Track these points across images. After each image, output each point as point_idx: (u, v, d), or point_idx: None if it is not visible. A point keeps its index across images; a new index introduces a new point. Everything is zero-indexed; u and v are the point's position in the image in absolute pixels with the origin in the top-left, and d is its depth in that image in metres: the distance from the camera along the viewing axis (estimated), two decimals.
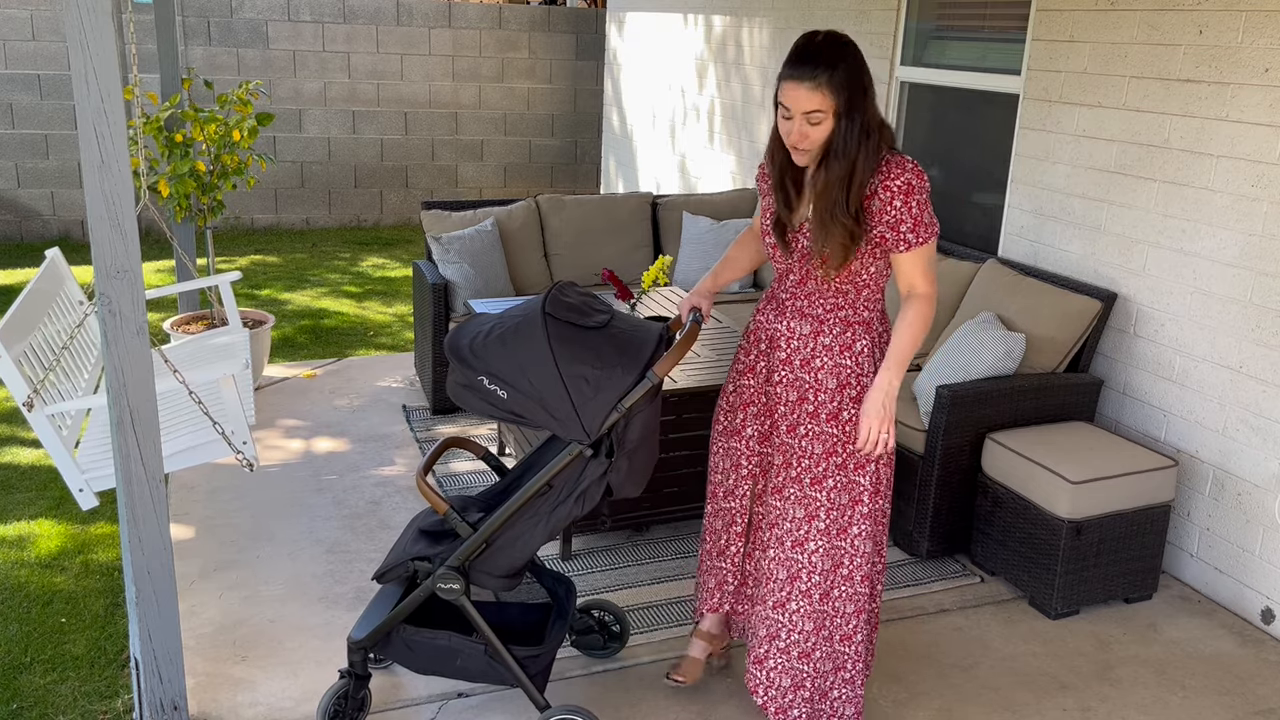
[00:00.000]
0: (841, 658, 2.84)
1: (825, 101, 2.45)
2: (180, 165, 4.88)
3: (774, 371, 2.75)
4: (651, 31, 8.33)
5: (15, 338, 3.18)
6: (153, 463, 2.57)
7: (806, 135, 2.50)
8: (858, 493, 2.72)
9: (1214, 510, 3.78)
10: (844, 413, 2.68)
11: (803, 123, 2.49)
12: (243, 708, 2.98)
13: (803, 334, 2.69)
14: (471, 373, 2.60)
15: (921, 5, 5.21)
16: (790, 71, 2.47)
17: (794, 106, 2.48)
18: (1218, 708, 3.18)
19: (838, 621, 2.81)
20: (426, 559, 2.75)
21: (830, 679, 2.86)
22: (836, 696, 2.87)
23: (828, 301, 2.66)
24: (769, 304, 2.80)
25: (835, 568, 2.77)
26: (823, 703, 2.87)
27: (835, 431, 2.69)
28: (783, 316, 2.73)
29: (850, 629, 2.82)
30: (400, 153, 9.38)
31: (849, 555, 2.76)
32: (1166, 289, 3.91)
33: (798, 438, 2.71)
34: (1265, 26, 3.51)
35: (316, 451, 4.67)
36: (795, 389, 2.71)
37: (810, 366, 2.69)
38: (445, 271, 5.04)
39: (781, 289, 2.75)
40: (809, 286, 2.67)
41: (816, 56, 2.45)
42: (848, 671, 2.85)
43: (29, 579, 3.65)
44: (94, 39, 2.26)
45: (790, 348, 2.70)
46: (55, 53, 8.14)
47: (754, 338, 2.83)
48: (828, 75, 2.43)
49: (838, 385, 2.67)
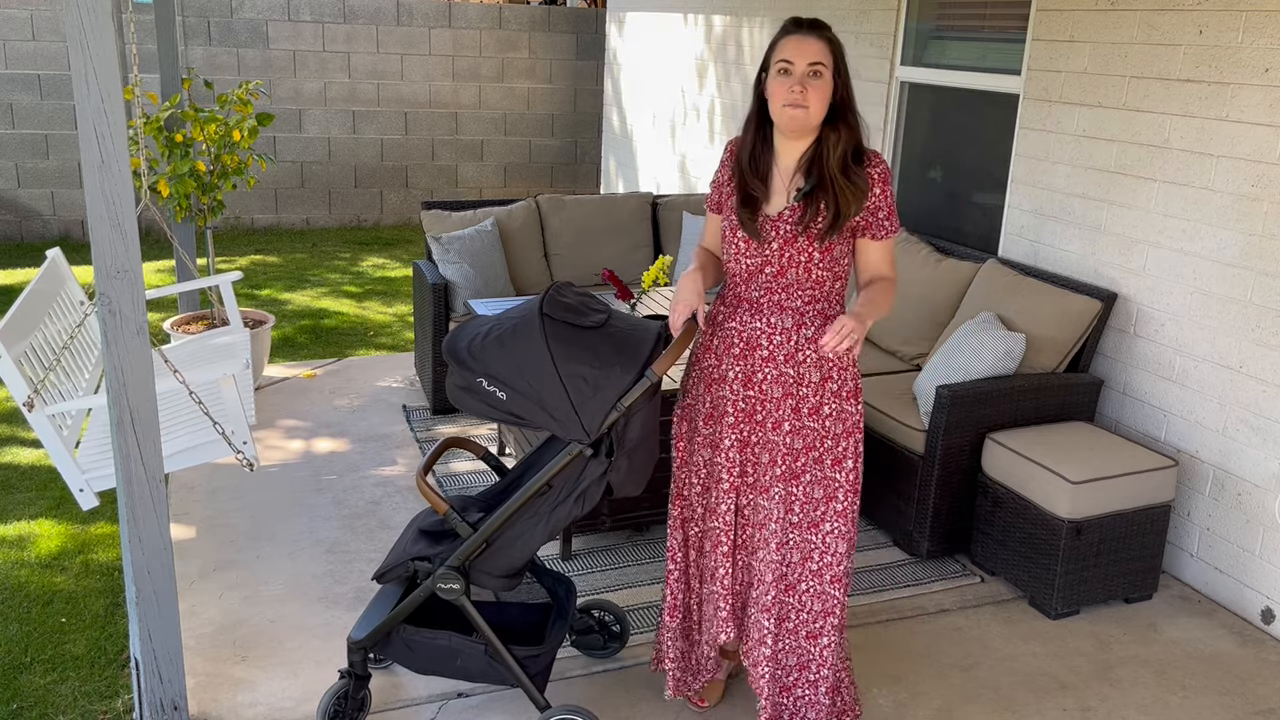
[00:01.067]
0: (806, 655, 2.81)
1: (827, 55, 2.56)
2: (180, 165, 4.89)
3: (755, 372, 2.69)
4: (651, 31, 8.33)
5: (16, 338, 3.18)
6: (153, 463, 2.57)
7: (806, 89, 2.54)
8: (832, 489, 2.72)
9: (1214, 510, 3.78)
10: (825, 407, 2.68)
11: (804, 76, 2.54)
12: (243, 708, 2.99)
13: (785, 328, 2.66)
14: (470, 375, 2.60)
15: (921, 5, 5.21)
16: (792, 29, 2.60)
17: (798, 60, 2.54)
18: (1218, 708, 3.18)
19: (803, 616, 2.79)
20: (426, 559, 2.75)
21: (794, 675, 2.83)
22: (800, 696, 2.84)
23: (806, 293, 2.65)
24: (739, 307, 2.72)
25: (804, 560, 2.76)
26: (784, 697, 2.84)
27: (816, 425, 2.68)
28: (760, 315, 2.69)
29: (816, 628, 2.79)
30: (400, 153, 9.38)
31: (819, 551, 2.75)
32: (1166, 289, 3.91)
33: (783, 434, 2.69)
34: (1265, 26, 3.51)
35: (316, 451, 4.67)
36: (780, 385, 2.68)
37: (794, 360, 2.66)
38: (445, 271, 5.04)
39: (753, 289, 2.69)
40: (788, 277, 2.64)
41: (815, 22, 2.61)
42: (812, 673, 2.82)
43: (29, 579, 3.65)
44: (94, 39, 2.26)
45: (773, 344, 2.67)
46: (55, 53, 8.14)
47: (725, 344, 2.74)
48: (827, 32, 2.60)
49: (821, 378, 2.67)
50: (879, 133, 5.47)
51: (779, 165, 2.67)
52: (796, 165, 2.64)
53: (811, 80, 2.54)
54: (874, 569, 3.88)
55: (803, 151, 2.64)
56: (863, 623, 3.54)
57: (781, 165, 2.66)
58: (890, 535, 4.07)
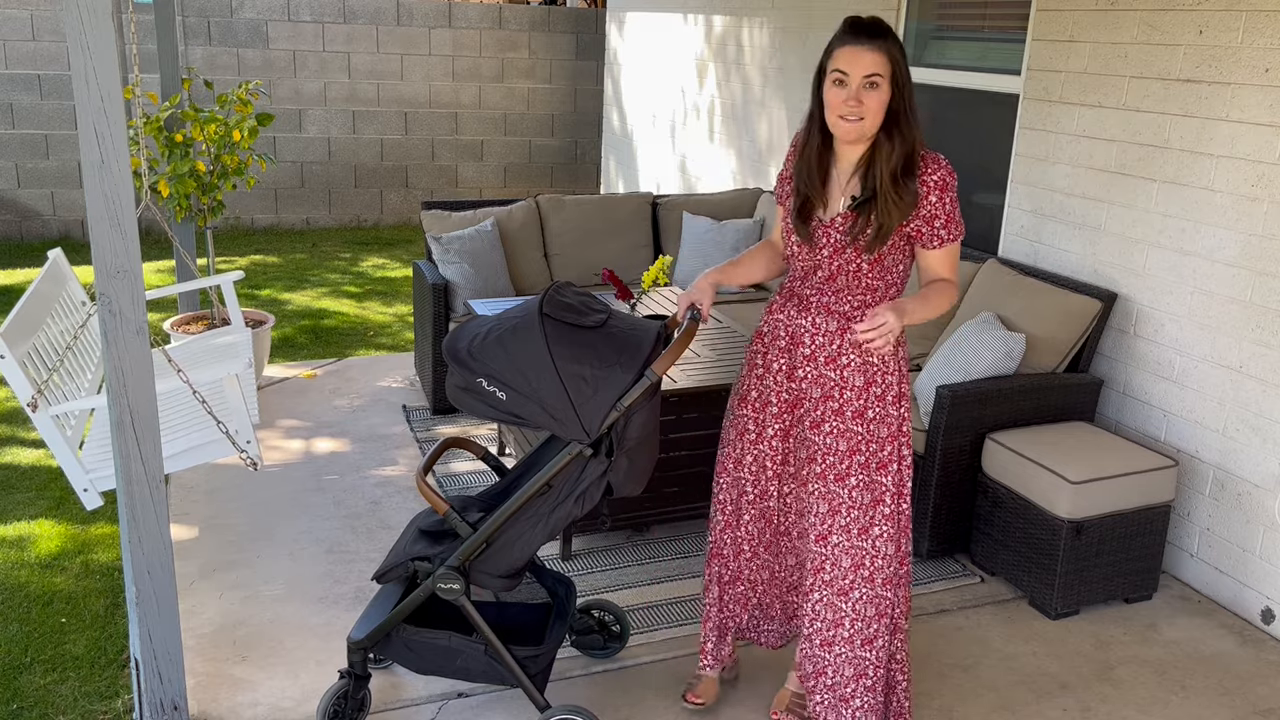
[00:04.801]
0: (863, 663, 2.77)
1: (884, 65, 2.48)
2: (180, 165, 4.89)
3: (796, 368, 2.72)
4: (651, 31, 8.33)
5: (19, 338, 3.18)
6: (153, 463, 2.57)
7: (861, 101, 2.49)
8: (879, 492, 2.70)
9: (1214, 510, 3.78)
10: (869, 410, 2.66)
11: (859, 88, 2.48)
12: (243, 708, 2.99)
13: (829, 330, 2.66)
14: (470, 375, 2.60)
15: (921, 5, 5.21)
16: (848, 38, 2.50)
17: (853, 71, 2.47)
18: (1218, 708, 3.18)
19: (858, 625, 2.74)
20: (426, 559, 2.75)
21: (851, 686, 2.78)
22: (859, 705, 2.78)
23: (855, 299, 2.65)
24: (789, 301, 2.75)
25: (855, 568, 2.72)
26: (844, 708, 2.79)
27: (860, 430, 2.67)
28: (807, 312, 2.70)
29: (871, 633, 2.75)
30: (400, 153, 9.38)
31: (870, 556, 2.71)
32: (1166, 289, 3.91)
33: (822, 434, 2.69)
34: (1265, 26, 3.51)
35: (316, 451, 4.68)
36: (819, 385, 2.68)
37: (836, 364, 2.66)
38: (445, 271, 5.04)
39: (805, 286, 2.70)
40: (839, 283, 2.64)
41: (873, 26, 2.50)
42: (869, 679, 2.77)
43: (29, 579, 3.65)
44: (94, 39, 2.26)
45: (815, 344, 2.68)
46: (55, 53, 8.14)
47: (771, 336, 2.78)
48: (884, 41, 2.49)
49: (865, 383, 2.66)
50: None
51: (838, 167, 2.65)
52: (855, 168, 2.62)
53: (867, 92, 2.48)
54: None
55: (861, 154, 2.60)
56: None
57: (841, 166, 2.64)
58: None
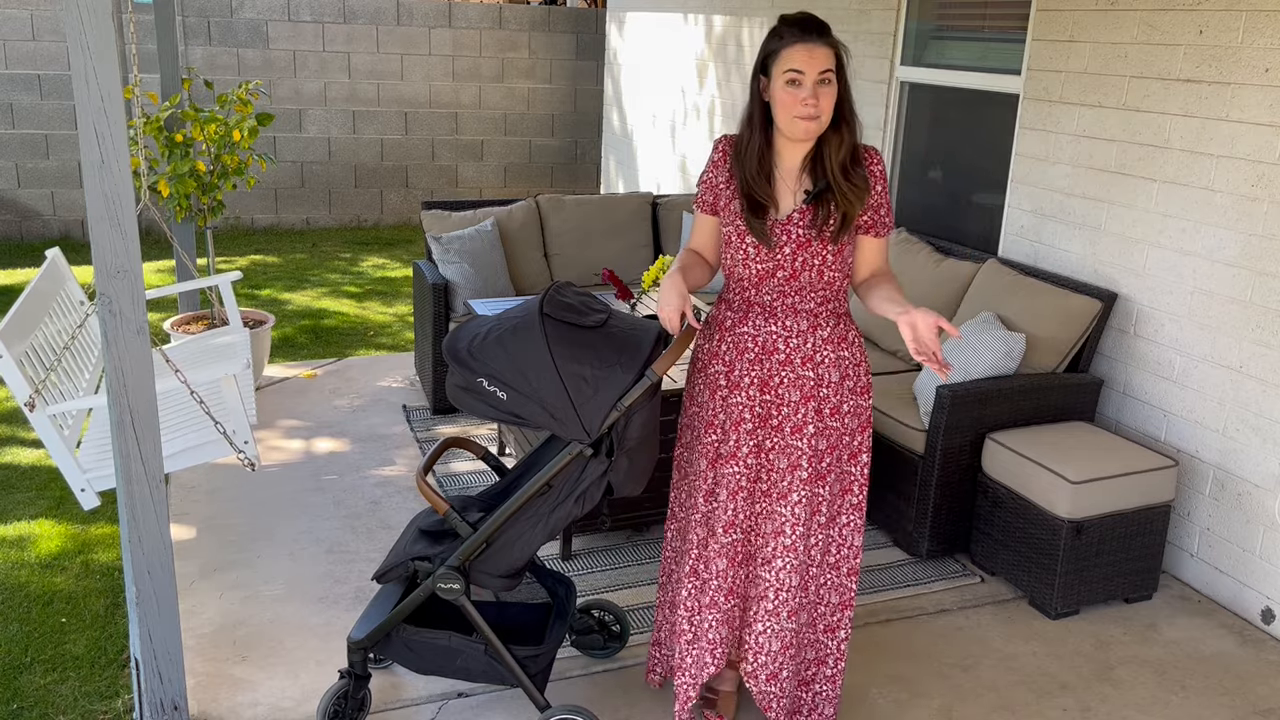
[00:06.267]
0: (824, 649, 2.85)
1: (833, 59, 2.51)
2: (180, 165, 4.88)
3: (771, 377, 2.67)
4: (651, 31, 8.33)
5: (17, 338, 3.18)
6: (153, 463, 2.57)
7: (818, 99, 2.50)
8: (848, 482, 2.76)
9: (1214, 510, 3.78)
10: (844, 405, 2.69)
11: (815, 85, 2.49)
12: (243, 708, 2.99)
13: (800, 330, 2.65)
14: (471, 375, 2.60)
15: (921, 5, 5.21)
16: (799, 35, 2.49)
17: (809, 69, 2.47)
18: (1218, 708, 3.18)
19: (821, 610, 2.81)
20: (426, 559, 2.75)
21: (813, 669, 2.86)
22: (818, 691, 2.87)
23: (818, 294, 2.65)
24: (750, 312, 2.69)
25: (823, 555, 2.78)
26: (804, 691, 2.87)
27: (838, 425, 2.70)
28: (774, 319, 2.66)
29: (834, 620, 2.82)
30: (400, 153, 9.38)
31: (836, 544, 2.79)
32: (1166, 289, 3.91)
33: (805, 437, 2.65)
34: (1265, 26, 3.51)
35: (316, 451, 4.67)
36: (798, 388, 2.66)
37: (813, 362, 2.65)
38: (445, 271, 5.04)
39: (763, 292, 2.66)
40: (801, 280, 2.62)
41: (820, 23, 2.52)
42: (829, 668, 2.86)
43: (29, 579, 3.65)
44: (94, 39, 2.26)
45: (789, 347, 2.66)
46: (55, 53, 8.14)
47: (738, 350, 2.69)
48: (831, 36, 2.52)
49: (840, 378, 2.67)
50: (879, 132, 5.47)
51: (781, 167, 2.64)
52: (800, 166, 2.62)
53: (823, 89, 2.50)
54: (874, 569, 3.88)
55: (805, 152, 2.61)
56: (863, 623, 3.54)
57: (784, 167, 2.64)
58: (890, 535, 4.07)
